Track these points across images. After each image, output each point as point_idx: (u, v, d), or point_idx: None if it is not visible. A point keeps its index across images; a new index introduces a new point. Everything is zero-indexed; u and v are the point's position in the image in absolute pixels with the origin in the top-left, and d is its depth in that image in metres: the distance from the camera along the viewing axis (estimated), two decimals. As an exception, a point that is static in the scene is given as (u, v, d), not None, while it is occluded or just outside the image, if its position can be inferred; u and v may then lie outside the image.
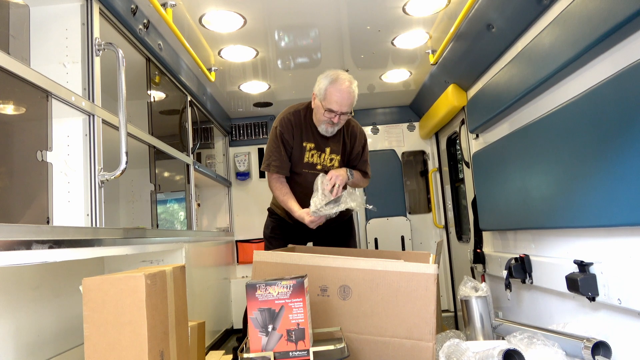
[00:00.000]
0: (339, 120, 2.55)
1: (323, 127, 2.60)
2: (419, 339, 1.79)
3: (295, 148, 2.67)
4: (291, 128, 2.64)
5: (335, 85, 2.48)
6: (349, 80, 2.51)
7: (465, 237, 4.40)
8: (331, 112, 2.50)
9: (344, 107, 2.50)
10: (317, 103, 2.56)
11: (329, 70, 2.57)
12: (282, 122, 2.66)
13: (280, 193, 2.65)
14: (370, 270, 1.88)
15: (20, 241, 1.37)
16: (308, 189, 2.61)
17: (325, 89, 2.49)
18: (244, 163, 5.17)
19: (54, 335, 2.02)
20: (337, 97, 2.47)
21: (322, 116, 2.55)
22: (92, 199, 2.05)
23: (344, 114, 2.53)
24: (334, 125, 2.58)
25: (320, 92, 2.52)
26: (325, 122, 2.56)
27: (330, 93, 2.48)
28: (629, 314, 1.84)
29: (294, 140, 2.66)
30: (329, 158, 2.72)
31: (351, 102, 2.52)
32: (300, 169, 2.69)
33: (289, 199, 2.62)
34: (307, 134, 2.67)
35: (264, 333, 1.60)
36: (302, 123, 2.66)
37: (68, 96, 1.92)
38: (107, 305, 1.41)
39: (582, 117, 1.99)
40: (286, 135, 2.64)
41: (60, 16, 2.13)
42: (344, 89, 2.47)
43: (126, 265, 2.50)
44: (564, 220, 2.17)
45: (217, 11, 2.79)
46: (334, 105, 2.48)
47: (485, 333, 2.59)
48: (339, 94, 2.47)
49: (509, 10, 2.53)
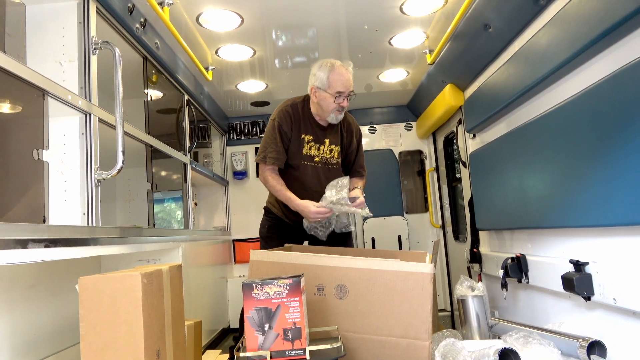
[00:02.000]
0: (347, 102, 2.64)
1: (333, 116, 2.65)
2: (415, 338, 1.80)
3: (293, 141, 2.68)
4: (290, 120, 2.67)
5: (335, 71, 2.59)
6: (343, 64, 2.64)
7: (462, 237, 4.41)
8: (340, 94, 2.59)
9: (349, 86, 2.61)
10: (322, 94, 2.61)
11: (318, 62, 2.66)
12: (280, 114, 2.68)
13: (276, 183, 2.64)
14: (366, 270, 1.88)
15: (16, 240, 1.37)
16: (305, 182, 2.61)
17: (327, 78, 2.58)
18: (241, 162, 5.17)
19: (50, 334, 2.01)
20: (342, 79, 2.58)
21: (332, 103, 2.61)
22: (88, 197, 2.05)
23: (350, 93, 2.63)
24: (342, 110, 2.66)
25: (324, 82, 2.59)
26: (336, 108, 2.62)
27: (334, 79, 2.58)
28: (624, 314, 1.85)
29: (292, 133, 2.67)
30: (328, 149, 2.73)
31: (352, 80, 2.64)
32: (299, 162, 2.69)
33: (286, 189, 2.62)
34: (306, 126, 2.69)
35: (260, 332, 1.60)
36: (300, 115, 2.69)
37: (64, 95, 1.92)
38: (103, 304, 1.41)
39: (578, 117, 1.99)
40: (284, 127, 2.66)
41: (57, 14, 2.13)
42: (344, 72, 2.60)
43: (123, 264, 2.50)
44: (560, 220, 2.17)
45: (214, 10, 2.78)
46: (340, 87, 2.58)
47: (482, 332, 2.60)
48: (341, 76, 2.58)
49: (506, 10, 2.54)
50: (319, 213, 2.47)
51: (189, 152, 3.72)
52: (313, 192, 2.62)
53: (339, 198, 2.44)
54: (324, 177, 2.67)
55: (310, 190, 2.63)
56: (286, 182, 2.67)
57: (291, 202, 2.57)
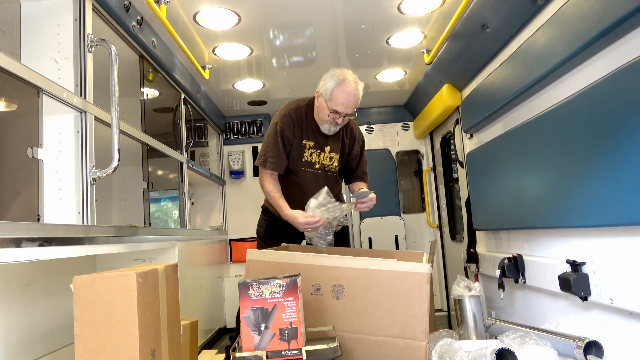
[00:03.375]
0: (342, 121, 2.55)
1: (326, 127, 2.59)
2: (412, 338, 1.79)
3: (294, 146, 2.63)
4: (292, 125, 2.60)
5: (342, 87, 2.45)
6: (355, 82, 2.49)
7: (458, 237, 4.41)
8: (336, 113, 2.49)
9: (349, 109, 2.49)
10: (322, 103, 2.52)
11: (334, 69, 2.53)
12: (284, 118, 2.61)
13: (272, 189, 2.58)
14: (363, 270, 1.87)
15: (10, 238, 1.36)
16: (304, 188, 2.58)
17: (331, 90, 2.46)
18: (238, 162, 5.15)
19: (44, 334, 2.00)
20: (343, 99, 2.45)
21: (326, 116, 2.53)
22: (83, 196, 2.04)
23: (348, 115, 2.52)
24: (337, 125, 2.58)
25: (327, 93, 2.48)
26: (329, 122, 2.55)
27: (336, 95, 2.45)
28: (620, 314, 1.85)
29: (294, 138, 2.62)
30: (329, 157, 2.70)
31: (356, 104, 2.51)
32: (299, 168, 2.66)
33: (280, 197, 2.56)
34: (308, 132, 2.64)
35: (256, 332, 1.60)
36: (303, 120, 2.63)
37: (59, 92, 1.90)
38: (98, 303, 1.40)
39: (575, 117, 2.00)
40: (287, 132, 2.60)
41: (52, 11, 2.11)
42: (351, 92, 2.45)
43: (118, 263, 2.48)
44: (557, 220, 2.17)
45: (211, 8, 2.77)
46: (339, 107, 2.47)
47: (478, 332, 2.60)
48: (345, 95, 2.45)
49: (503, 10, 2.54)
50: (307, 223, 2.34)
51: (185, 151, 3.71)
52: (309, 180, 2.62)
53: (324, 202, 2.34)
54: (323, 183, 2.60)
55: (309, 196, 2.60)
56: (285, 187, 2.63)
57: (282, 211, 2.49)
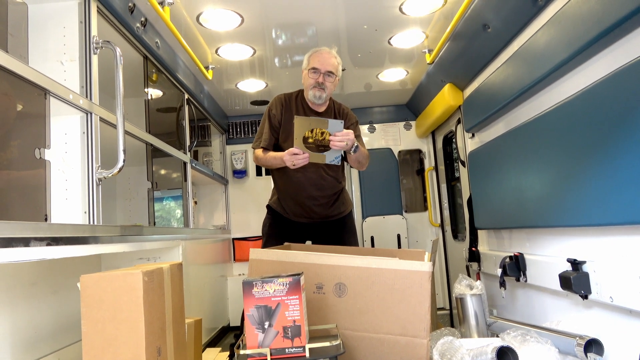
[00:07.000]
0: (324, 80, 2.66)
1: (311, 93, 2.69)
2: (413, 336, 1.81)
3: (285, 125, 2.73)
4: (281, 106, 2.77)
5: (316, 52, 2.71)
6: (329, 48, 2.73)
7: (460, 236, 4.42)
8: (315, 70, 2.65)
9: (326, 65, 2.65)
10: (305, 74, 2.73)
11: None
12: (273, 101, 2.83)
13: (263, 155, 2.72)
14: (365, 268, 1.89)
15: (18, 238, 1.38)
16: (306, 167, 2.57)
17: (308, 57, 2.72)
18: (240, 161, 5.18)
19: (51, 332, 2.02)
20: (318, 57, 2.67)
21: (308, 80, 2.69)
22: (89, 196, 2.06)
23: (328, 73, 2.65)
24: (321, 88, 2.67)
25: (305, 63, 2.73)
26: (312, 85, 2.67)
27: (312, 57, 2.70)
28: (620, 312, 1.86)
29: (283, 117, 2.74)
30: (321, 132, 2.70)
31: (333, 63, 2.68)
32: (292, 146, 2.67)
33: (271, 154, 2.69)
34: (298, 111, 2.76)
35: (260, 330, 1.62)
36: (293, 101, 2.79)
37: (66, 94, 1.93)
38: (104, 302, 1.43)
39: (576, 117, 2.01)
40: (273, 111, 2.76)
41: (58, 14, 2.13)
42: (324, 52, 2.69)
43: (123, 262, 2.51)
44: (557, 219, 2.19)
45: (214, 9, 2.79)
46: (316, 64, 2.65)
47: (480, 330, 2.61)
48: (319, 56, 2.68)
49: (504, 10, 2.55)
50: (290, 153, 2.44)
51: (188, 150, 3.73)
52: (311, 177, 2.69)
53: (309, 135, 2.41)
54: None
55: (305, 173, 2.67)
56: (286, 173, 2.71)
57: (277, 159, 2.60)
